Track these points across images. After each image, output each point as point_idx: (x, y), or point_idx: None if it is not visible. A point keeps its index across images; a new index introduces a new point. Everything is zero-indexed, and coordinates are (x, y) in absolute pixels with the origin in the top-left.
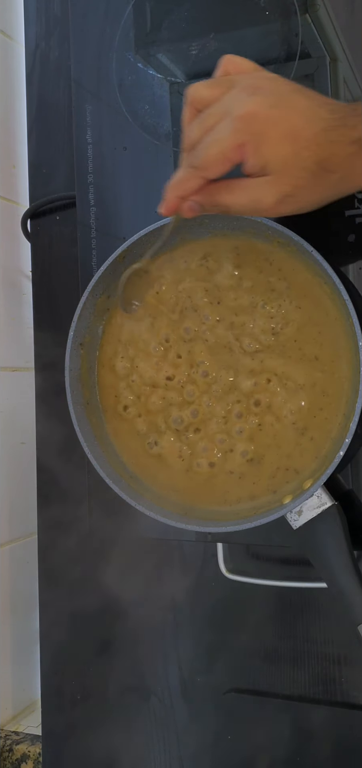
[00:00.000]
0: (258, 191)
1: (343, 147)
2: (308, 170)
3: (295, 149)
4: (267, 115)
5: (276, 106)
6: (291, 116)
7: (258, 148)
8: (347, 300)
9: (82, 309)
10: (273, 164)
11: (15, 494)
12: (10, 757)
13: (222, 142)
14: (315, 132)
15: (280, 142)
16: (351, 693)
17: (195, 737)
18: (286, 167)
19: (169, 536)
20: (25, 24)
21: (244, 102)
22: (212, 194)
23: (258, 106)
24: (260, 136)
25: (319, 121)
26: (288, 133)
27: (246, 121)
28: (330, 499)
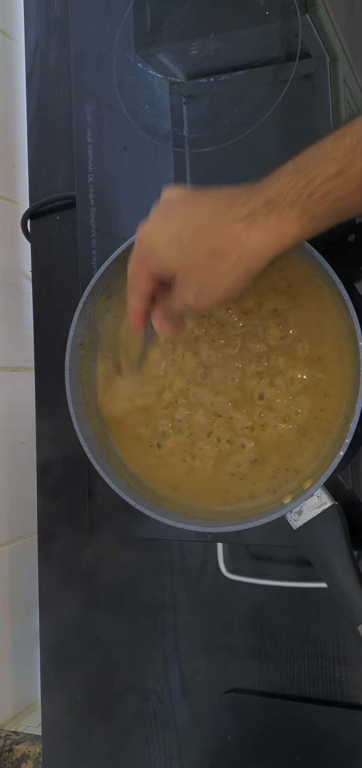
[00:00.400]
0: (180, 295)
1: (229, 227)
2: (202, 261)
3: (181, 248)
4: (151, 231)
5: (160, 223)
6: (172, 223)
7: (155, 260)
8: (347, 300)
9: (82, 309)
10: (173, 269)
11: (15, 494)
12: (10, 757)
13: (131, 264)
14: (197, 226)
15: (168, 247)
16: (351, 693)
17: (195, 737)
18: (183, 266)
19: (169, 536)
20: (25, 24)
21: (140, 227)
22: (163, 306)
23: (146, 226)
24: (150, 249)
25: (202, 215)
26: (171, 238)
27: (138, 241)
28: (330, 499)
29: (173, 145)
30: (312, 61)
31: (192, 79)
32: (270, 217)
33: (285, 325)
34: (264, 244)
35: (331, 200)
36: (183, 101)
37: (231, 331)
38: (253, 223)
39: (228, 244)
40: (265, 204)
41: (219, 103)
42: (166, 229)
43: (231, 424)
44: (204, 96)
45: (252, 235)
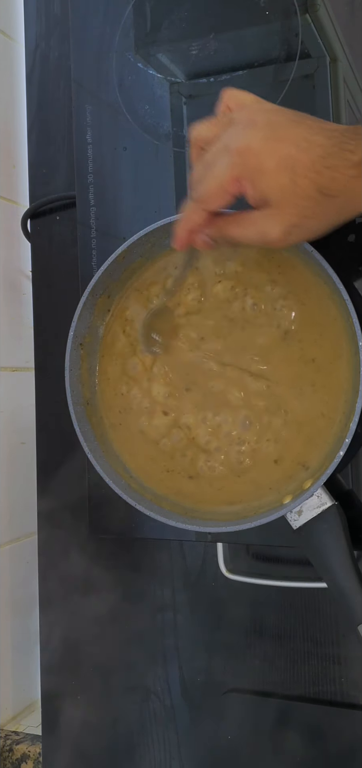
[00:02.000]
0: (264, 224)
1: (343, 171)
2: (309, 198)
3: (293, 179)
4: (260, 148)
5: (270, 138)
6: (286, 147)
7: (255, 182)
8: (347, 300)
9: (82, 309)
10: (273, 196)
11: (15, 494)
12: (10, 757)
13: (220, 177)
14: (312, 159)
15: (277, 173)
16: (351, 693)
17: (195, 737)
18: (287, 198)
19: (169, 536)
20: (25, 24)
21: (239, 137)
22: (222, 228)
23: (252, 139)
24: (256, 169)
25: (316, 148)
26: (284, 163)
27: (241, 155)
28: (330, 499)
29: (173, 145)
30: (312, 61)
31: (192, 79)
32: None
33: (284, 324)
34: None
35: None
36: (183, 101)
37: (231, 329)
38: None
39: (339, 188)
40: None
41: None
42: (276, 152)
43: (230, 424)
44: (204, 96)
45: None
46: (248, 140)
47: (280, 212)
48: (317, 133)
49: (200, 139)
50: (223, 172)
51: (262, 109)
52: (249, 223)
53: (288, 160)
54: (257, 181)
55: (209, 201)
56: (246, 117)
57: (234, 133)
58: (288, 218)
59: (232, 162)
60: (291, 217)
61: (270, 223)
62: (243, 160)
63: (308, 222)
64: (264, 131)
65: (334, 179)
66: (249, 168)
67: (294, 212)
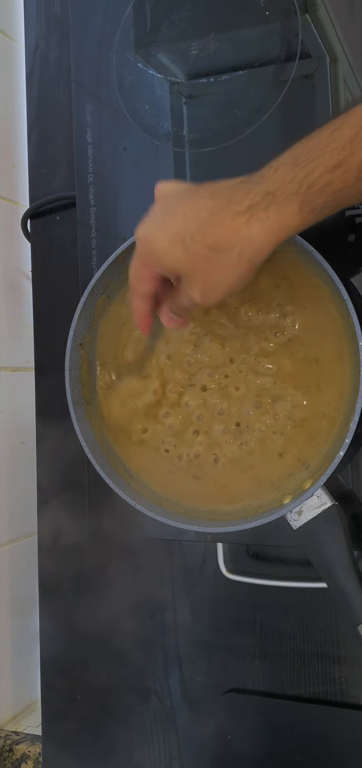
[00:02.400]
0: (187, 292)
1: (229, 223)
2: (205, 258)
3: (185, 249)
4: (153, 234)
5: (161, 222)
6: (174, 224)
7: (159, 262)
8: (347, 300)
9: (82, 309)
10: (178, 269)
11: (15, 494)
12: (10, 757)
13: (133, 268)
14: (197, 225)
15: (171, 250)
16: (351, 693)
17: (195, 737)
18: (186, 266)
19: (169, 536)
20: (25, 24)
21: (141, 228)
22: (169, 303)
23: (147, 228)
24: (154, 253)
25: (201, 213)
26: (173, 238)
27: (140, 243)
28: (330, 499)
29: (173, 145)
30: (312, 61)
31: (192, 79)
32: (270, 209)
33: (284, 324)
34: (265, 236)
35: (331, 191)
36: (184, 101)
37: (233, 330)
38: (253, 215)
39: (230, 239)
40: (265, 196)
41: (219, 103)
42: (167, 231)
43: (230, 423)
44: (204, 96)
45: (253, 228)
46: (145, 230)
47: (189, 279)
48: (204, 198)
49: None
50: (134, 263)
51: (167, 196)
52: (181, 293)
53: (176, 234)
54: (159, 262)
55: (136, 288)
56: (152, 209)
57: (139, 226)
58: (197, 282)
59: (137, 252)
60: (199, 280)
61: (189, 289)
62: (143, 249)
63: (215, 279)
64: (156, 217)
65: (222, 233)
66: (149, 254)
67: (198, 275)
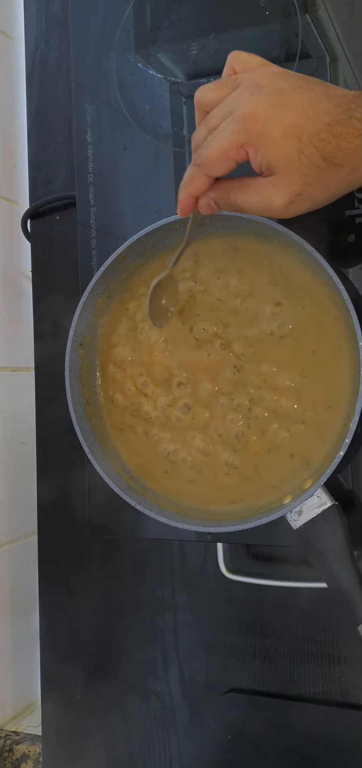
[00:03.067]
0: (268, 192)
1: (350, 139)
2: (315, 167)
3: (299, 147)
4: (266, 115)
5: (276, 105)
6: (292, 114)
7: (259, 149)
8: (347, 300)
9: (82, 309)
10: (278, 164)
11: (15, 494)
12: (10, 757)
13: (223, 142)
14: (318, 128)
15: (282, 141)
16: (351, 693)
17: (195, 737)
18: (292, 166)
19: (169, 536)
20: (25, 24)
21: (245, 102)
22: (225, 192)
23: (257, 106)
24: (260, 136)
25: (322, 116)
26: (290, 131)
27: (246, 122)
28: (330, 499)
29: (173, 145)
30: (312, 61)
31: (192, 79)
32: None
33: (284, 324)
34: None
35: None
36: (183, 101)
37: (232, 329)
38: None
39: (347, 156)
40: None
41: None
42: (284, 119)
43: (230, 423)
44: None
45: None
46: (253, 106)
47: (285, 180)
48: (325, 100)
49: (205, 102)
50: (227, 139)
51: (269, 73)
52: (253, 191)
53: (294, 129)
54: (262, 148)
55: (211, 167)
56: (253, 81)
57: (240, 98)
58: (292, 187)
59: (237, 128)
60: (296, 185)
61: (274, 191)
62: (248, 127)
63: (312, 191)
64: (270, 97)
65: (341, 147)
66: (254, 135)
67: (298, 181)
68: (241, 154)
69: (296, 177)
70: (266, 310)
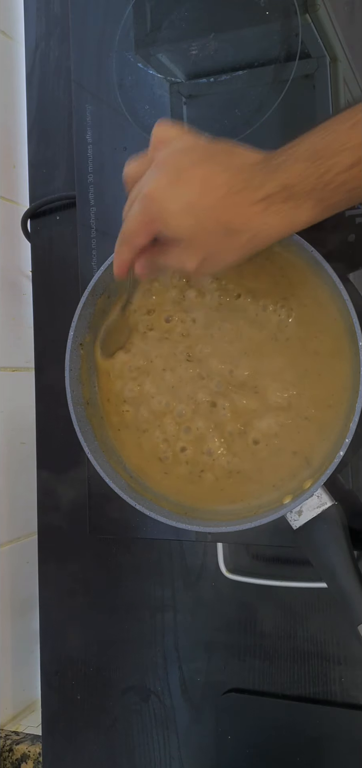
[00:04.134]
0: (181, 257)
1: (246, 208)
2: (215, 234)
3: (197, 220)
4: (163, 195)
5: (173, 182)
6: (187, 191)
7: (165, 224)
8: (347, 300)
9: (82, 309)
10: (183, 235)
11: (15, 494)
12: (10, 757)
13: (133, 220)
14: (212, 202)
15: (181, 216)
16: (351, 693)
17: (195, 737)
18: (195, 236)
19: (169, 536)
20: (25, 24)
21: (148, 182)
22: (151, 257)
23: (156, 185)
24: (160, 213)
25: (218, 189)
26: (186, 207)
27: (149, 201)
28: (330, 499)
29: None
30: (312, 61)
31: (192, 79)
32: (287, 204)
33: (284, 323)
34: (277, 228)
35: (346, 190)
36: (183, 101)
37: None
38: (269, 207)
39: (243, 224)
40: (282, 189)
41: (219, 103)
42: (180, 196)
43: (230, 423)
44: (204, 96)
45: (267, 219)
46: (153, 186)
47: (191, 247)
48: (221, 172)
49: (130, 176)
50: (136, 217)
51: (174, 151)
52: (171, 255)
53: (189, 205)
54: (165, 222)
55: (131, 240)
56: (159, 159)
57: (147, 177)
58: (198, 253)
59: (141, 207)
60: (201, 252)
61: (186, 256)
62: (149, 206)
63: (218, 256)
64: (168, 176)
65: (237, 216)
66: (156, 213)
67: (203, 248)
68: (153, 228)
69: (200, 244)
70: (267, 310)
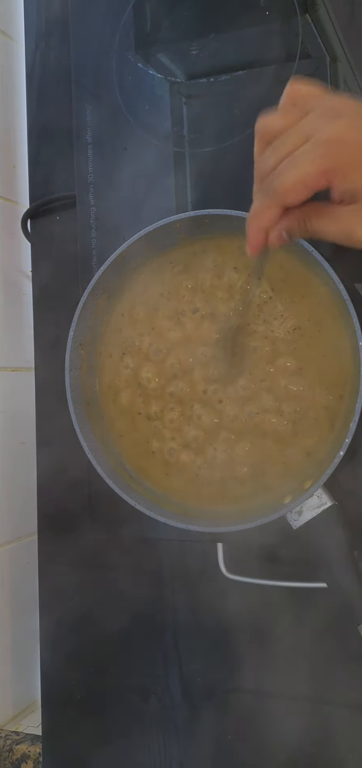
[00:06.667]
0: (349, 221)
1: None
2: None
3: None
4: (356, 140)
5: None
6: None
7: (346, 175)
8: (347, 300)
9: (82, 309)
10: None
11: (15, 494)
12: (10, 757)
13: (304, 167)
14: None
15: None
16: (351, 693)
17: (195, 737)
18: None
19: (169, 536)
20: (25, 24)
21: (329, 126)
22: (301, 219)
23: (345, 130)
24: (348, 162)
25: None
26: None
27: (333, 146)
28: (330, 499)
29: (173, 145)
30: (312, 61)
31: (192, 79)
32: None
33: (284, 323)
34: None
35: None
36: (183, 101)
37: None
38: None
39: None
40: None
41: (219, 103)
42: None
43: (230, 424)
44: (204, 96)
45: None
46: (339, 131)
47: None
48: None
49: (269, 131)
50: (310, 165)
51: (343, 100)
52: (333, 218)
53: None
54: (349, 174)
55: (287, 196)
56: (331, 106)
57: (319, 123)
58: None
59: (321, 153)
60: None
61: (356, 221)
62: (335, 152)
63: None
64: (355, 122)
65: None
66: (341, 160)
67: None
68: (322, 182)
69: None
70: (267, 310)
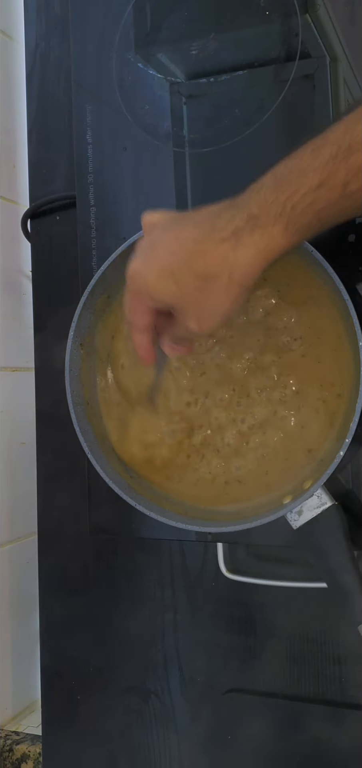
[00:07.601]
0: (183, 323)
1: (216, 250)
2: (195, 287)
3: (175, 280)
4: (141, 269)
5: (148, 256)
6: (159, 257)
7: (151, 296)
8: (347, 300)
9: (82, 309)
10: (169, 300)
11: (15, 494)
12: (10, 757)
13: (127, 302)
14: (184, 256)
15: (161, 281)
16: (351, 693)
17: (195, 737)
18: (179, 298)
19: (169, 536)
20: (25, 24)
21: (130, 264)
22: (167, 335)
23: (135, 263)
24: (144, 287)
25: (186, 243)
26: (162, 272)
27: (131, 280)
28: (330, 499)
29: (173, 145)
30: (312, 61)
31: (192, 79)
32: (255, 233)
33: (284, 324)
34: (252, 259)
35: (315, 210)
36: (184, 101)
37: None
38: (239, 240)
39: (218, 266)
40: (248, 220)
41: (219, 103)
42: (154, 265)
43: (232, 424)
44: (204, 96)
45: (239, 253)
46: (133, 265)
47: (184, 310)
48: (187, 227)
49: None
50: (127, 297)
51: (151, 231)
52: (177, 325)
53: (164, 269)
54: (151, 296)
55: (134, 322)
56: (139, 243)
57: (129, 262)
58: (191, 312)
59: (128, 287)
60: (193, 311)
61: (185, 320)
62: (133, 283)
63: (209, 308)
64: (144, 251)
65: (209, 261)
66: (139, 289)
67: (191, 306)
68: (143, 304)
69: (188, 304)
70: (267, 310)
